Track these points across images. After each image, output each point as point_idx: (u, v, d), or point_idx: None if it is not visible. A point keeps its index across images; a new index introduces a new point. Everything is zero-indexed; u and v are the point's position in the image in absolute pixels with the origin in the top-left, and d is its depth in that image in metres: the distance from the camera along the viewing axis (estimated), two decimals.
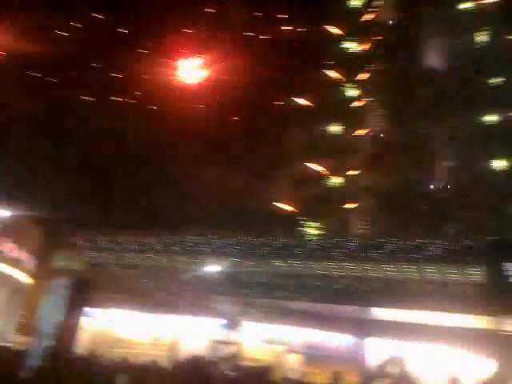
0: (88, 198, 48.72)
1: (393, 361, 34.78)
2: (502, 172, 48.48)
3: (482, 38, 56.54)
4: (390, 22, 63.03)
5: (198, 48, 57.79)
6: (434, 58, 57.55)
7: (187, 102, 55.84)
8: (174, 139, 53.16)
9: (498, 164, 49.12)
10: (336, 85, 60.84)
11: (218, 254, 42.42)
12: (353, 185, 53.77)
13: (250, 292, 39.19)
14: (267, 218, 50.04)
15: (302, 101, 60.07)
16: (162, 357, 26.91)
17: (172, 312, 32.69)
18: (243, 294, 38.90)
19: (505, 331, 31.34)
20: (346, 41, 64.17)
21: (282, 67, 55.78)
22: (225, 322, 33.47)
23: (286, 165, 55.74)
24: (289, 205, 50.95)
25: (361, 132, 57.96)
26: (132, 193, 52.32)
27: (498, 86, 52.63)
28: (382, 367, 28.52)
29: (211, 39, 58.94)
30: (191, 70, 58.73)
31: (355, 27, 64.43)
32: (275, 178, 54.56)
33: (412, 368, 27.07)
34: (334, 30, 63.63)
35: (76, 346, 22.52)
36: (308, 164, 57.01)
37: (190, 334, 32.08)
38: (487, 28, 56.32)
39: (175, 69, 55.09)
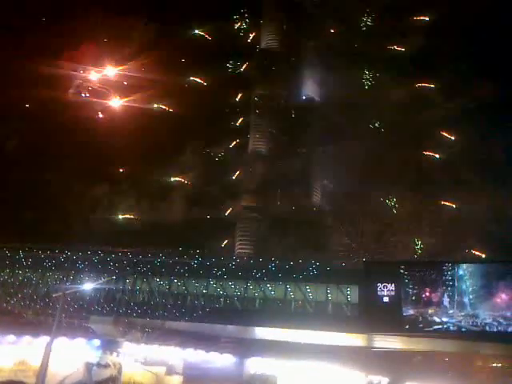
0: None
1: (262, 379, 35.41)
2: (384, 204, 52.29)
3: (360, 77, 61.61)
4: (276, 48, 65.42)
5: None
6: (315, 89, 61.09)
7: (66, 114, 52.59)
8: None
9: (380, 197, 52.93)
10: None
11: (95, 270, 39.98)
12: (238, 205, 54.46)
13: (128, 311, 37.27)
14: (149, 235, 48.51)
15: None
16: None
17: (42, 332, 29.80)
18: (121, 313, 36.97)
19: (376, 348, 33.44)
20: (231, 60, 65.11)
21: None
22: (101, 343, 31.44)
23: (173, 186, 55.38)
24: (173, 223, 49.91)
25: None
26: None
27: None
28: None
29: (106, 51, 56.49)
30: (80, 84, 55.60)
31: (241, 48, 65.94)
32: (160, 198, 53.62)
33: None
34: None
35: None
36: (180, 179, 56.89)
37: (61, 356, 29.39)
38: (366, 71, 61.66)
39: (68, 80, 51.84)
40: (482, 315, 32.56)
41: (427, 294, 33.87)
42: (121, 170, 52.59)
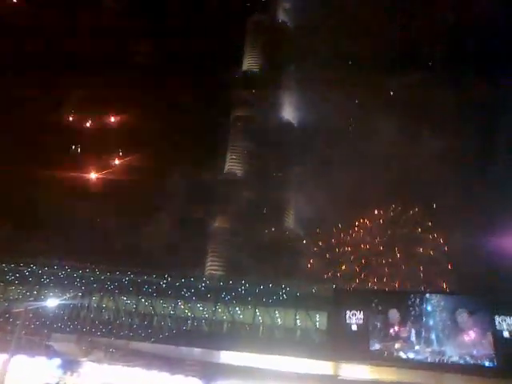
0: None
1: None
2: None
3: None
4: (257, 71, 66.02)
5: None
6: (294, 113, 61.85)
7: None
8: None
9: None
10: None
11: (60, 286, 38.87)
12: (211, 226, 54.21)
13: (92, 330, 36.19)
14: (117, 252, 47.67)
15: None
16: None
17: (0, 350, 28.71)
18: (85, 331, 35.88)
19: (343, 376, 33.25)
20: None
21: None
22: (61, 362, 30.47)
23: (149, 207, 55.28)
24: (142, 241, 49.29)
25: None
26: None
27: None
28: None
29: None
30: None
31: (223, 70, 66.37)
32: (134, 219, 53.14)
33: None
34: None
35: None
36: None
37: (18, 376, 28.32)
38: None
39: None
40: (448, 352, 32.59)
41: (395, 327, 33.86)
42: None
